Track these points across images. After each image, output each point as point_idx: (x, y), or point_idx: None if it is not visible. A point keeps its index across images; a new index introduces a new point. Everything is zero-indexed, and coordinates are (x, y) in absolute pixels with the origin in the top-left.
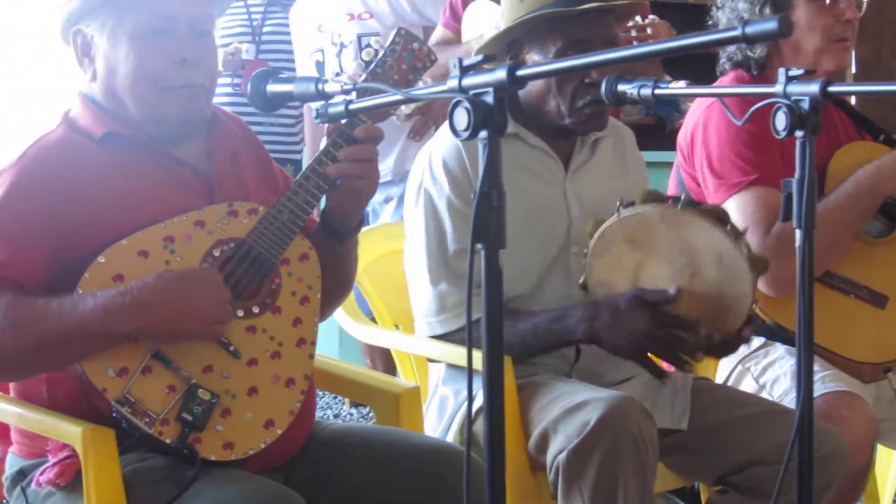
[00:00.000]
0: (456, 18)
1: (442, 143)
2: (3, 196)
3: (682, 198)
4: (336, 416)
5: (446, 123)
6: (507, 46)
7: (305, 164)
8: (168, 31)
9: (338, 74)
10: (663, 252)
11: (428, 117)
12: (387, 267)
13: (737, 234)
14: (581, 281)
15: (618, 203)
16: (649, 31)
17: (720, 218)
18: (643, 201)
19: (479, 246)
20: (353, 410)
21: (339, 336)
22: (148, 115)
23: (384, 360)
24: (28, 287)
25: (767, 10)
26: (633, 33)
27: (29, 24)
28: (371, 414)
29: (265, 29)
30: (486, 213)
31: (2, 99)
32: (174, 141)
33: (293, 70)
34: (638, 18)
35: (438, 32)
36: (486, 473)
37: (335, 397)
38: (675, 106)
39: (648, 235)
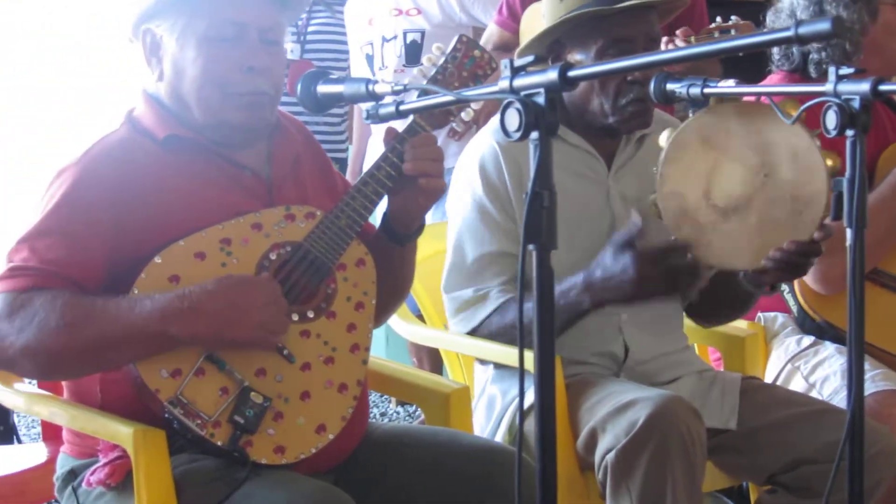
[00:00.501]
0: (514, 18)
1: (480, 145)
2: (64, 194)
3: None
4: (383, 414)
5: (486, 125)
6: (549, 47)
7: (350, 161)
8: (237, 38)
9: (381, 68)
10: (737, 151)
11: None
12: (435, 266)
13: (811, 131)
14: (652, 197)
15: (690, 111)
16: (733, 32)
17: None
18: (717, 102)
19: (530, 247)
20: (400, 409)
21: (386, 335)
22: (211, 119)
23: (431, 359)
24: (86, 285)
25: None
26: (717, 34)
27: (29, 24)
28: (418, 412)
29: (310, 29)
30: (537, 214)
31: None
32: (236, 145)
33: (338, 70)
34: (718, 19)
35: (493, 32)
36: (538, 474)
37: (382, 395)
38: None
39: (724, 133)
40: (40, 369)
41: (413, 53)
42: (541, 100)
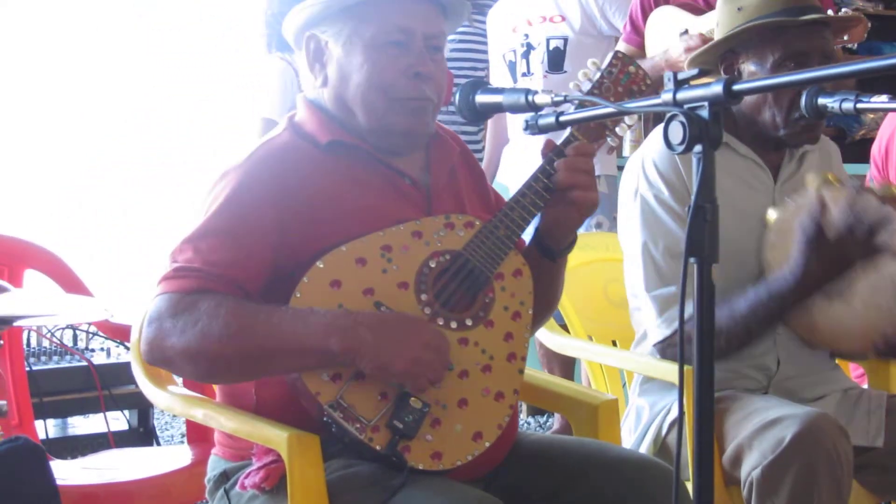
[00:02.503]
0: (637, 32)
1: (653, 148)
2: (228, 196)
3: None
4: None
5: (655, 130)
6: (721, 56)
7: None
8: (404, 44)
9: (524, 75)
10: None
11: None
12: (582, 278)
13: None
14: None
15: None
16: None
17: None
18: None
19: (692, 260)
20: (531, 419)
21: None
22: (376, 124)
23: (562, 368)
24: (249, 287)
25: None
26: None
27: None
28: (549, 422)
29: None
30: (700, 228)
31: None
32: (396, 152)
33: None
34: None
35: (620, 49)
36: (695, 488)
37: None
38: (855, 117)
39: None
40: (198, 373)
41: (556, 60)
42: (705, 113)
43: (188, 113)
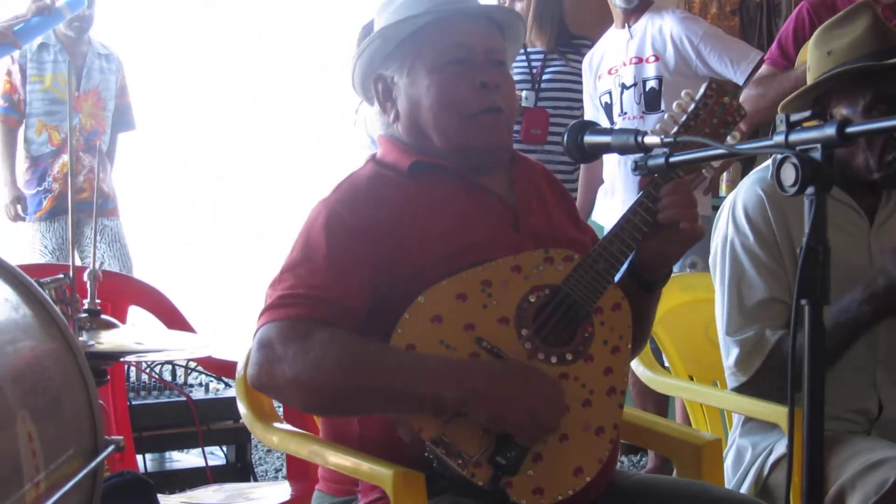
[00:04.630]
0: (785, 56)
1: (744, 193)
2: (322, 225)
3: None
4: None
5: (749, 174)
6: (813, 101)
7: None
8: (466, 60)
9: (619, 115)
10: None
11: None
12: (682, 317)
13: None
14: None
15: None
16: None
17: None
18: None
19: (803, 302)
20: (624, 458)
21: None
22: (452, 145)
23: (656, 406)
24: (353, 307)
25: None
26: None
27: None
28: (643, 462)
29: (544, 77)
30: (811, 270)
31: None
32: (479, 169)
33: (571, 118)
34: None
35: (763, 71)
36: None
37: None
38: None
39: None
40: (305, 403)
41: (652, 100)
42: (817, 155)
43: (188, 113)
